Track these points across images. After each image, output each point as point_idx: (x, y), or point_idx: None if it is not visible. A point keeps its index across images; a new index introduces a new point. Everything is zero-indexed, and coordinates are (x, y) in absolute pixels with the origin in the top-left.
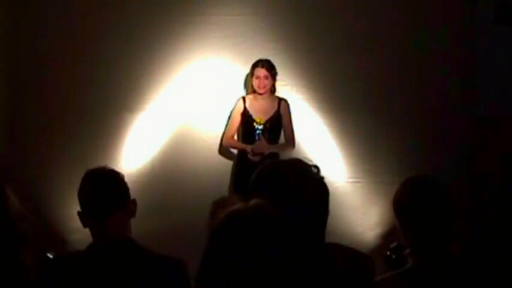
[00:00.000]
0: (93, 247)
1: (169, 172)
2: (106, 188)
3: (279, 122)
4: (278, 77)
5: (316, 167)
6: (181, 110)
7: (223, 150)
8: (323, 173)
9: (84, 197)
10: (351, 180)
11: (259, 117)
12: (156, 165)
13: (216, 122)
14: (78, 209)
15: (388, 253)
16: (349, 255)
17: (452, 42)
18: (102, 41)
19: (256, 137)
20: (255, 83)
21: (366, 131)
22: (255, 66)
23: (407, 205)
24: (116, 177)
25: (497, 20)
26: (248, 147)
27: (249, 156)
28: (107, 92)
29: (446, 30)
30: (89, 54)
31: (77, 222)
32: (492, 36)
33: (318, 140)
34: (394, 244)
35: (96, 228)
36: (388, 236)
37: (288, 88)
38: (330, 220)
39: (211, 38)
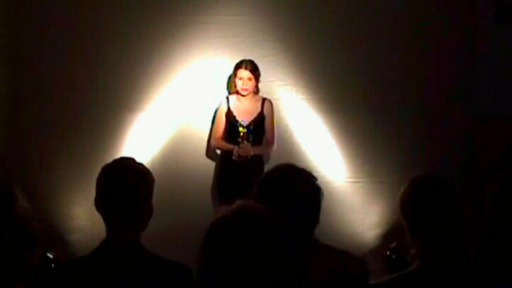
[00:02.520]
0: (99, 252)
1: (169, 172)
2: (123, 198)
3: (263, 123)
4: (278, 77)
5: (309, 172)
6: (181, 110)
7: (210, 152)
8: (323, 173)
9: (99, 192)
10: (351, 180)
11: (243, 121)
12: (156, 165)
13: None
14: (79, 209)
15: (388, 253)
16: (341, 258)
17: (452, 42)
18: (102, 41)
19: (240, 140)
20: (238, 84)
21: (366, 131)
22: (238, 67)
23: (415, 205)
24: (138, 183)
25: (497, 20)
26: (235, 149)
27: (233, 157)
28: (107, 92)
29: (446, 30)
30: (89, 54)
31: (77, 222)
32: (492, 36)
33: (318, 140)
34: (394, 244)
35: (107, 225)
36: (388, 236)
37: (288, 88)
38: (330, 220)
39: (211, 38)
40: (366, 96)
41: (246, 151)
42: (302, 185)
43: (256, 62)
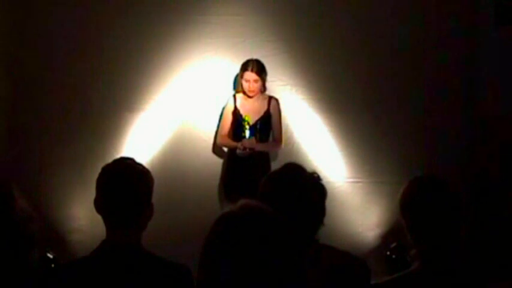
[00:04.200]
0: (99, 252)
1: (170, 172)
2: (123, 199)
3: (269, 121)
4: (278, 77)
5: (316, 173)
6: (182, 110)
7: (216, 149)
8: (323, 173)
9: (100, 193)
10: (351, 180)
11: (248, 116)
12: (156, 165)
13: (216, 122)
14: (79, 209)
15: (388, 253)
16: (340, 258)
17: (452, 43)
18: (102, 41)
19: (247, 135)
20: (245, 86)
21: (366, 131)
22: (244, 68)
23: (415, 205)
24: (138, 183)
25: (497, 21)
26: (239, 143)
27: (237, 151)
28: (107, 92)
29: (446, 30)
30: (89, 54)
31: (77, 222)
32: (492, 36)
33: (318, 140)
34: (394, 244)
35: (107, 226)
36: (388, 236)
37: (288, 88)
38: (330, 220)
39: (211, 38)
40: (366, 96)
41: (251, 143)
42: (306, 185)
43: None
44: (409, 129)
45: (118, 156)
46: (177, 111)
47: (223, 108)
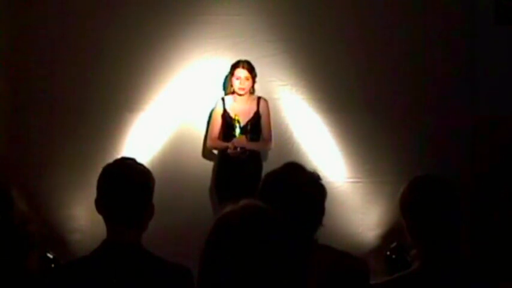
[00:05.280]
0: (99, 252)
1: (169, 172)
2: (124, 199)
3: (259, 122)
4: (278, 77)
5: (316, 173)
6: (181, 110)
7: (206, 152)
8: (323, 173)
9: (101, 193)
10: (350, 180)
11: (238, 116)
12: (156, 165)
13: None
14: (79, 209)
15: (388, 253)
16: (340, 258)
17: (452, 42)
18: (102, 40)
19: (237, 133)
20: (235, 84)
21: (366, 130)
22: (235, 66)
23: (415, 205)
24: (139, 184)
25: (497, 20)
26: (230, 143)
27: (228, 151)
28: (107, 92)
29: (446, 30)
30: (89, 54)
31: (77, 222)
32: (492, 36)
33: (318, 140)
34: (394, 244)
35: (108, 226)
36: (388, 236)
37: (288, 88)
38: (330, 220)
39: (211, 38)
40: (366, 96)
41: (241, 142)
42: (306, 185)
43: (256, 62)
44: (409, 129)
45: (118, 156)
46: (177, 111)
47: (212, 112)
